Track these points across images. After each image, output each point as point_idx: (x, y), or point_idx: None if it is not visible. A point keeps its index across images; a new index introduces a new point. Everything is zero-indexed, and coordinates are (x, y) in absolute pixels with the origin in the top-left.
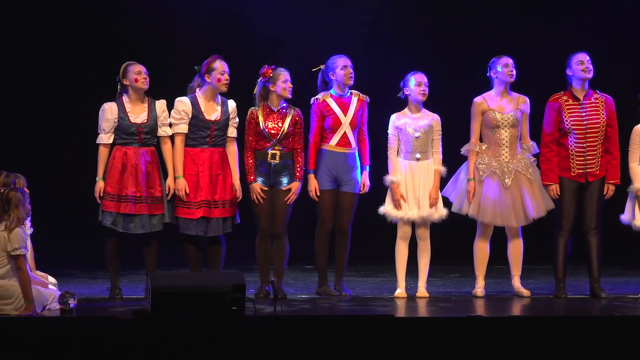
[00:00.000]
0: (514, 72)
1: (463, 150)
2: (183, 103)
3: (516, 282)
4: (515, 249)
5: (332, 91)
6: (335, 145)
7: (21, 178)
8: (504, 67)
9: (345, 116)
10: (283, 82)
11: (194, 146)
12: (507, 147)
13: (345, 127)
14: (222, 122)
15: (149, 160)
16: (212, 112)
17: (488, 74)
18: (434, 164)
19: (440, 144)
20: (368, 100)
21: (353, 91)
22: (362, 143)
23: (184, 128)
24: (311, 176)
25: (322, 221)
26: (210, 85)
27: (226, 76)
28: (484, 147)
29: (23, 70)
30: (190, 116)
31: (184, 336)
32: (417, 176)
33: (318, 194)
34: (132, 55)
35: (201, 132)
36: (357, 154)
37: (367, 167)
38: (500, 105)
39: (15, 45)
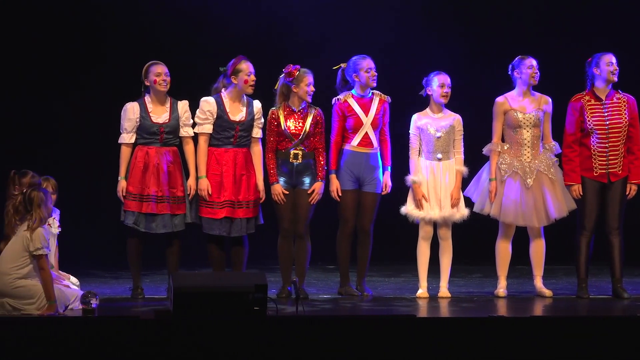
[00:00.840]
0: (538, 74)
1: (485, 150)
2: (208, 103)
3: (538, 282)
4: (538, 249)
5: (353, 91)
6: (357, 145)
7: (51, 180)
8: (528, 69)
9: (366, 116)
10: (306, 85)
11: (218, 146)
12: (529, 147)
13: (367, 128)
14: (247, 122)
15: (171, 160)
16: (237, 113)
17: (510, 73)
18: (456, 164)
19: (462, 144)
20: (390, 100)
21: (375, 91)
22: (383, 143)
23: (208, 128)
24: (333, 176)
25: (344, 221)
26: (237, 87)
27: (252, 77)
28: (505, 147)
29: (47, 70)
30: (215, 116)
31: (206, 336)
32: (438, 176)
33: (340, 194)
34: (158, 55)
35: (226, 132)
36: (379, 154)
37: (389, 167)
38: (522, 105)
39: (38, 45)
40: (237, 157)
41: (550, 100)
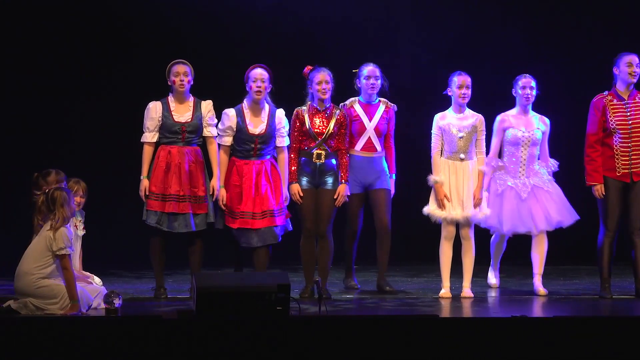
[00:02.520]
0: (531, 94)
1: (482, 167)
2: (228, 118)
3: (537, 281)
4: (540, 249)
5: (360, 97)
6: (361, 150)
7: (82, 183)
8: (522, 89)
9: (370, 122)
10: (317, 83)
11: (240, 157)
12: (524, 165)
13: (370, 133)
14: (267, 135)
15: (193, 160)
16: (258, 125)
17: (513, 91)
18: (478, 164)
19: (484, 144)
20: (396, 108)
21: (381, 99)
22: (388, 151)
23: (227, 141)
24: None
25: (349, 222)
26: (249, 95)
27: (258, 84)
28: (500, 163)
29: (70, 70)
30: (235, 129)
31: (229, 336)
32: (460, 176)
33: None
34: (185, 54)
35: (245, 145)
36: (383, 158)
37: (394, 175)
38: (521, 123)
39: (62, 44)
40: (258, 168)
41: (548, 121)
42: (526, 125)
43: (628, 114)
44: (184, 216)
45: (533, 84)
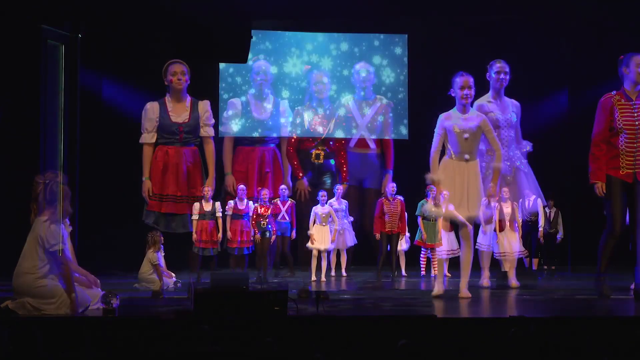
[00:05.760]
0: (506, 78)
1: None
2: (234, 105)
3: (511, 274)
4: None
5: (355, 95)
6: (354, 146)
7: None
8: (496, 74)
9: (362, 118)
10: (314, 84)
11: (246, 145)
12: (506, 146)
13: (362, 129)
14: (271, 122)
15: (191, 160)
16: (262, 112)
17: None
18: (496, 161)
19: (498, 140)
20: (392, 105)
21: (378, 96)
22: (386, 148)
23: (234, 128)
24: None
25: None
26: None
27: (262, 76)
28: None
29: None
30: (241, 116)
31: (227, 336)
32: (465, 176)
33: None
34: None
35: (253, 132)
36: (376, 155)
37: (391, 171)
38: (498, 107)
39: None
40: (262, 155)
41: (519, 104)
42: (503, 108)
43: (635, 114)
44: (181, 217)
45: (507, 69)
